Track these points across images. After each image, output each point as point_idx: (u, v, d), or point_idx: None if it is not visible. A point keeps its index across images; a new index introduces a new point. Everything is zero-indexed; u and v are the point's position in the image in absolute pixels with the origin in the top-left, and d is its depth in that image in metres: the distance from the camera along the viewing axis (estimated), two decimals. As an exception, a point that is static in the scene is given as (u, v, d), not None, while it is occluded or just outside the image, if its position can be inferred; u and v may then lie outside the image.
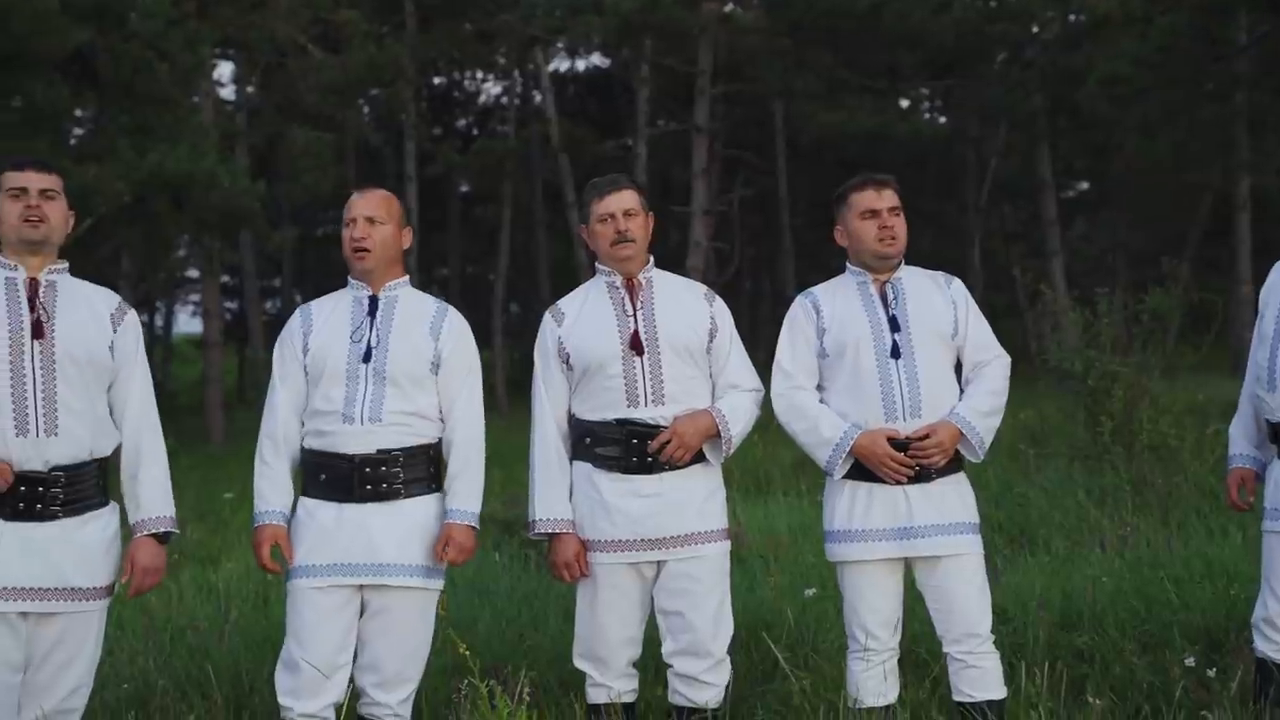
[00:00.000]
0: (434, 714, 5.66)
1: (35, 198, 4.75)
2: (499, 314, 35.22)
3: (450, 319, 5.30)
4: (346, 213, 5.22)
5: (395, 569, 5.05)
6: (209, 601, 8.83)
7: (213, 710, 5.92)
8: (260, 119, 30.51)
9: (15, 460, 4.59)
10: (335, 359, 5.10)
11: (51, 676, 4.68)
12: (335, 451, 5.05)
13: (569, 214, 31.18)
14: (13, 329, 4.66)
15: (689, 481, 5.29)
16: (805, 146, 32.61)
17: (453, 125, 43.06)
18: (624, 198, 5.38)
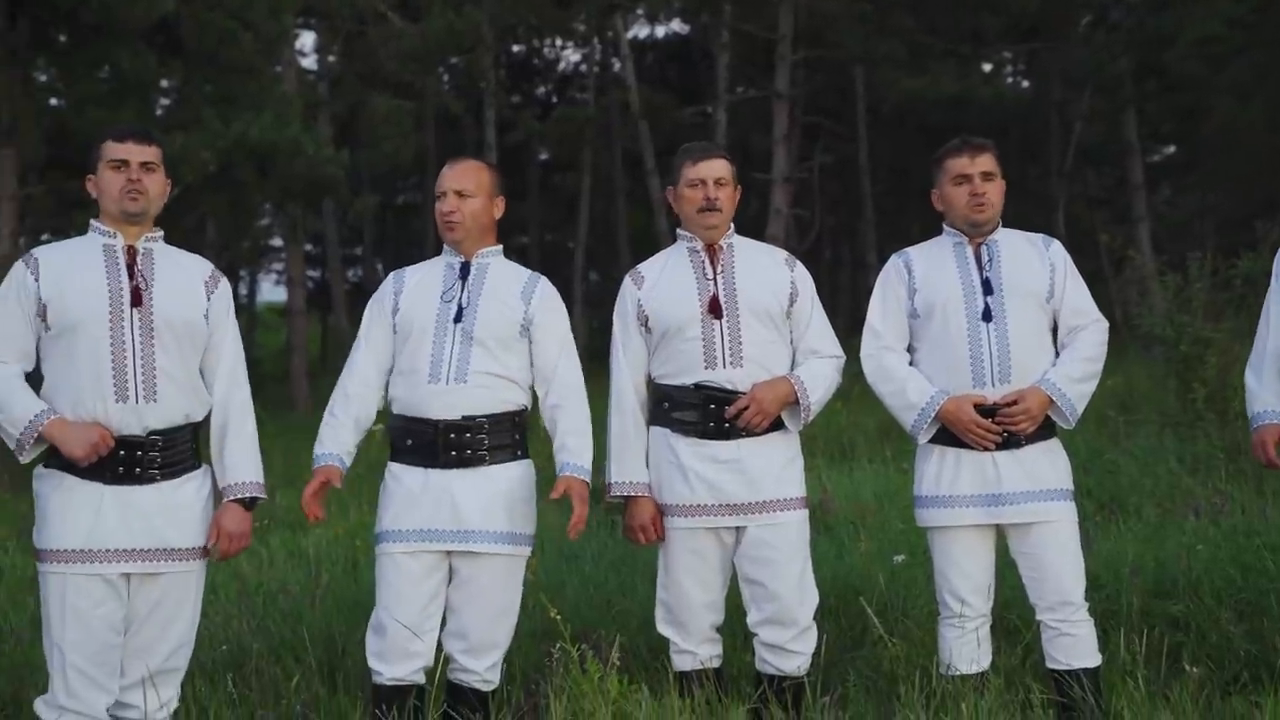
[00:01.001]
0: (525, 678, 5.68)
1: (136, 171, 4.81)
2: (578, 282, 35.22)
3: (541, 285, 5.34)
4: (438, 184, 5.28)
5: (481, 535, 5.07)
6: (299, 566, 8.93)
7: (306, 674, 5.98)
8: (341, 87, 30.63)
9: (115, 426, 4.65)
10: (425, 317, 5.15)
11: (154, 636, 4.75)
12: (421, 416, 5.09)
13: (649, 181, 31.11)
14: (113, 296, 4.72)
15: (767, 448, 5.27)
16: (886, 112, 32.30)
17: (532, 93, 43.08)
18: (716, 166, 5.37)
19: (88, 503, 4.66)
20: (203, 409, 4.90)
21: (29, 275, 4.74)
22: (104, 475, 4.67)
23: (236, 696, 5.63)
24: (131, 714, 4.76)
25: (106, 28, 18.27)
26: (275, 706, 5.67)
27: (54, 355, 4.73)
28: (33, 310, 4.71)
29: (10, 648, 7.07)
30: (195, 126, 18.52)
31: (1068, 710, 5.10)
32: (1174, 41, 24.36)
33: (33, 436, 4.62)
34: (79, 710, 4.60)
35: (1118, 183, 34.18)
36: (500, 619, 5.15)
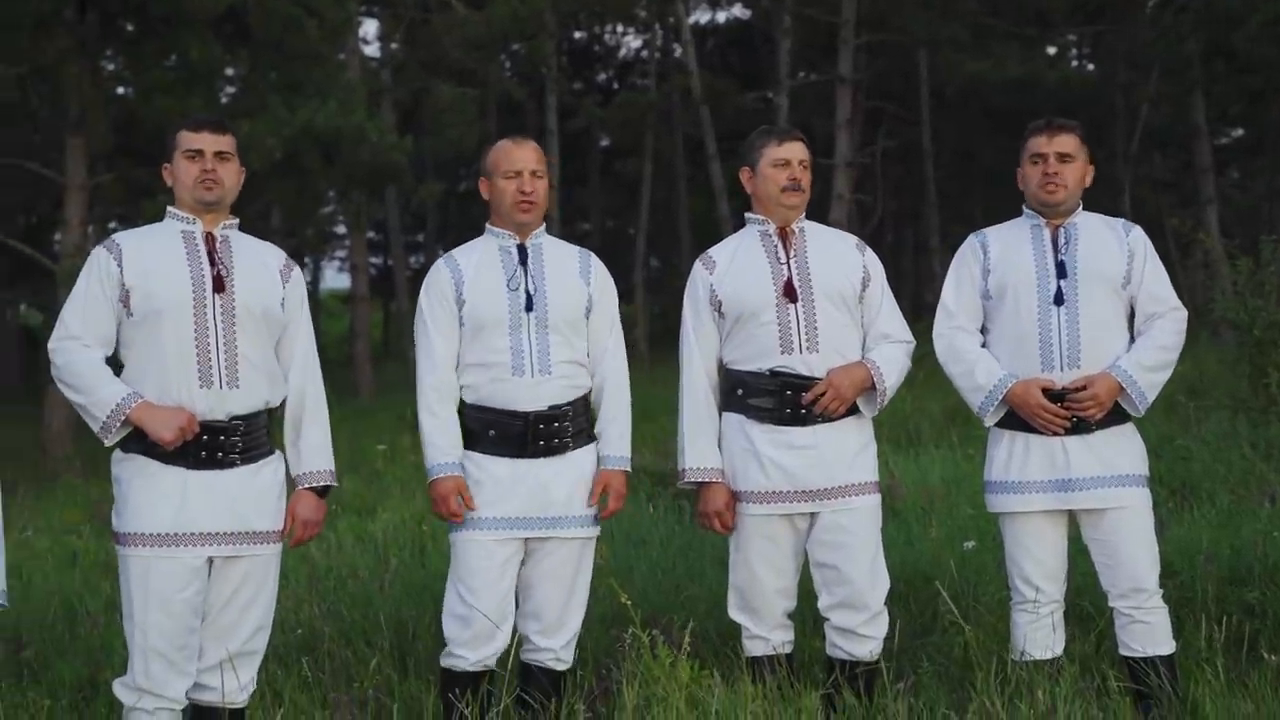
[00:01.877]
0: (596, 663, 5.69)
1: (210, 160, 4.85)
2: (640, 268, 35.23)
3: (595, 263, 5.36)
4: (506, 163, 5.19)
5: (568, 520, 5.12)
6: (367, 551, 8.98)
7: (379, 658, 6.01)
8: (404, 74, 30.74)
9: (199, 411, 4.69)
10: (496, 309, 5.11)
11: (235, 619, 4.79)
12: (507, 408, 5.08)
13: (710, 167, 31.05)
14: (195, 283, 4.76)
15: (842, 434, 5.25)
16: (950, 96, 32.09)
17: (593, 79, 43.09)
18: (799, 148, 5.37)
19: (172, 487, 4.70)
20: (280, 395, 4.93)
21: (112, 261, 4.78)
22: (187, 460, 4.71)
23: (312, 680, 5.67)
24: (210, 696, 4.81)
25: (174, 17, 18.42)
26: (348, 690, 5.70)
27: (136, 341, 4.77)
28: (115, 296, 4.75)
29: (86, 631, 7.15)
30: (261, 114, 18.64)
31: (1144, 698, 5.06)
32: (1243, 22, 24.02)
33: (120, 420, 4.65)
34: (158, 693, 4.65)
35: (1185, 166, 33.78)
36: (576, 598, 5.21)
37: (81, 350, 4.73)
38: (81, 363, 4.71)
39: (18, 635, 6.88)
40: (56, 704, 5.63)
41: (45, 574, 9.02)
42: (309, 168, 20.09)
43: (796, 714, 4.65)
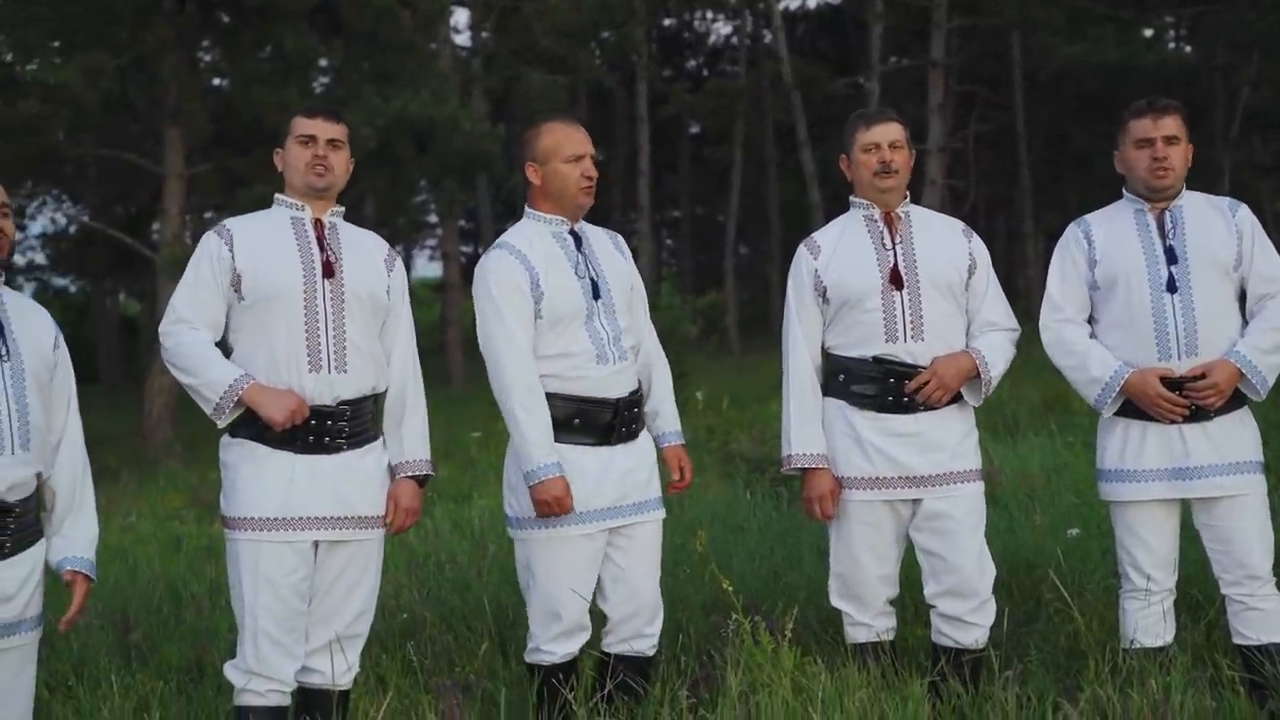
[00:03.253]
0: (697, 650, 5.68)
1: (323, 147, 4.86)
2: (730, 255, 35.21)
3: (622, 241, 5.37)
4: (569, 147, 5.09)
5: (652, 504, 5.10)
6: (464, 537, 9.04)
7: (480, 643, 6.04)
8: (495, 63, 30.89)
9: (308, 395, 4.71)
10: (573, 301, 5.02)
11: (339, 603, 4.82)
12: (593, 396, 5.01)
13: (801, 153, 30.94)
14: (305, 268, 4.78)
15: (945, 421, 5.19)
16: (1044, 80, 31.74)
17: (683, 66, 43.08)
18: (890, 129, 5.29)
19: (280, 472, 4.72)
20: (384, 381, 4.94)
21: (223, 246, 4.81)
22: (294, 444, 4.73)
23: (417, 664, 5.70)
24: (316, 679, 4.84)
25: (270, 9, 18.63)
26: (449, 674, 5.73)
27: (246, 326, 4.80)
28: (226, 281, 4.78)
29: (191, 614, 7.25)
30: (355, 104, 18.80)
31: (1258, 687, 4.96)
32: (1348, 2, 23.58)
33: (233, 400, 4.68)
34: (269, 675, 4.68)
35: (1286, 149, 33.22)
36: (658, 582, 5.19)
37: (191, 333, 4.76)
38: (192, 345, 4.74)
39: (126, 618, 6.98)
40: (165, 686, 5.70)
41: (150, 559, 9.16)
42: (402, 157, 20.26)
43: (902, 702, 4.61)
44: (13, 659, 4.27)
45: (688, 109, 35.12)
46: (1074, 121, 32.81)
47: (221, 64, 22.74)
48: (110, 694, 5.40)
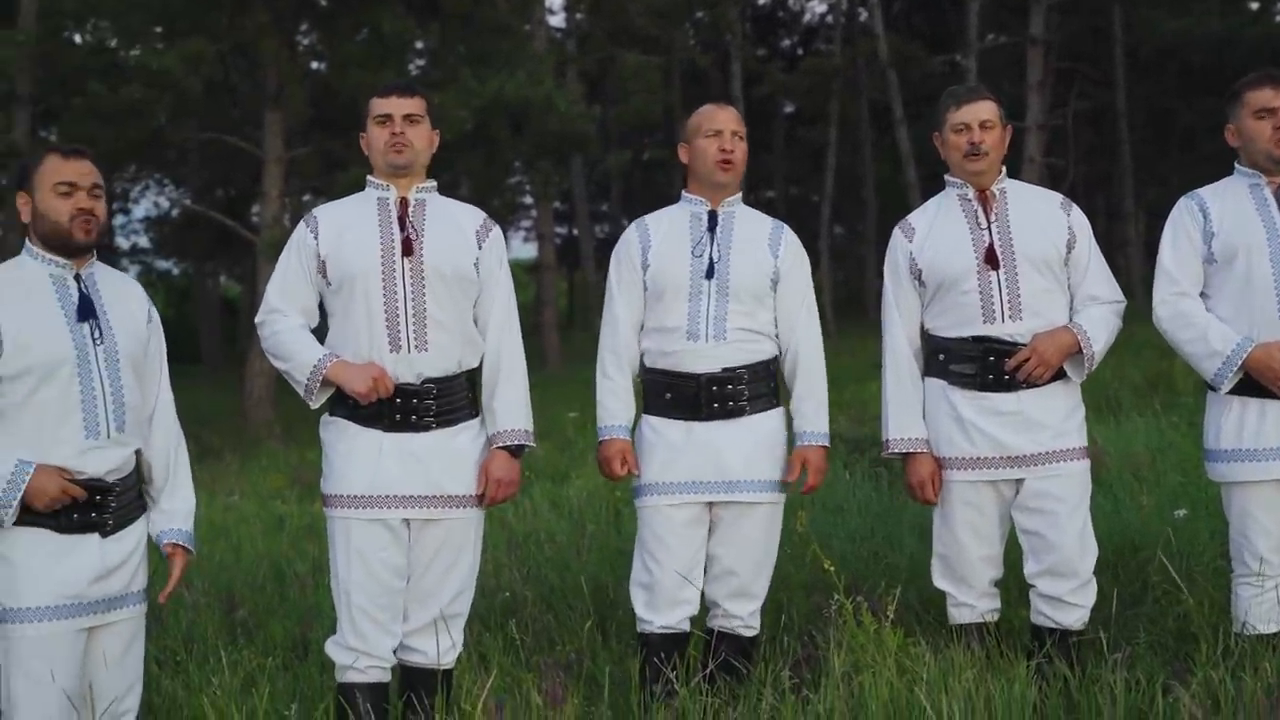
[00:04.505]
0: (799, 629, 5.67)
1: (400, 124, 4.87)
2: (825, 235, 35.02)
3: (787, 235, 5.29)
4: (708, 124, 5.17)
5: (745, 485, 5.08)
6: (563, 516, 9.06)
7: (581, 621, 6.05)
8: (590, 44, 30.92)
9: (390, 374, 4.74)
10: (678, 275, 5.12)
11: (436, 582, 4.84)
12: (681, 370, 5.09)
13: (897, 132, 30.71)
14: (385, 247, 4.80)
15: (1048, 399, 5.11)
16: (1145, 56, 31.27)
17: (777, 45, 42.90)
18: (981, 108, 5.20)
19: (369, 450, 4.76)
20: (476, 357, 4.94)
21: (309, 233, 4.87)
22: (382, 422, 4.77)
23: (519, 642, 5.73)
24: (417, 658, 4.87)
25: (367, -9, 18.77)
26: (551, 653, 5.75)
27: (335, 310, 4.85)
28: (313, 266, 4.84)
29: (295, 592, 7.33)
30: (451, 86, 18.90)
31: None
32: None
33: (319, 380, 4.74)
34: (368, 651, 4.72)
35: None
36: (761, 566, 5.17)
37: (283, 320, 4.84)
38: (284, 332, 4.83)
39: (231, 596, 7.08)
40: (270, 662, 5.77)
41: (253, 538, 9.27)
42: (497, 138, 20.34)
43: (1008, 683, 4.55)
44: (122, 631, 4.35)
45: (782, 88, 34.94)
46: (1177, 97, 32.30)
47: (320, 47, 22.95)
48: (219, 669, 5.47)
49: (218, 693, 5.19)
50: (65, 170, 4.29)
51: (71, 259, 4.33)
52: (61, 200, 4.27)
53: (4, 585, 4.18)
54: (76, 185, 4.28)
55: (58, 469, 4.16)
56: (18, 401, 4.19)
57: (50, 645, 4.16)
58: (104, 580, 4.25)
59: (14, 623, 4.16)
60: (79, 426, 4.21)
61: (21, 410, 4.19)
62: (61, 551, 4.19)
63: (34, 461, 4.15)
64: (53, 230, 4.29)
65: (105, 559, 4.25)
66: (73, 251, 4.32)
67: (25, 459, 4.15)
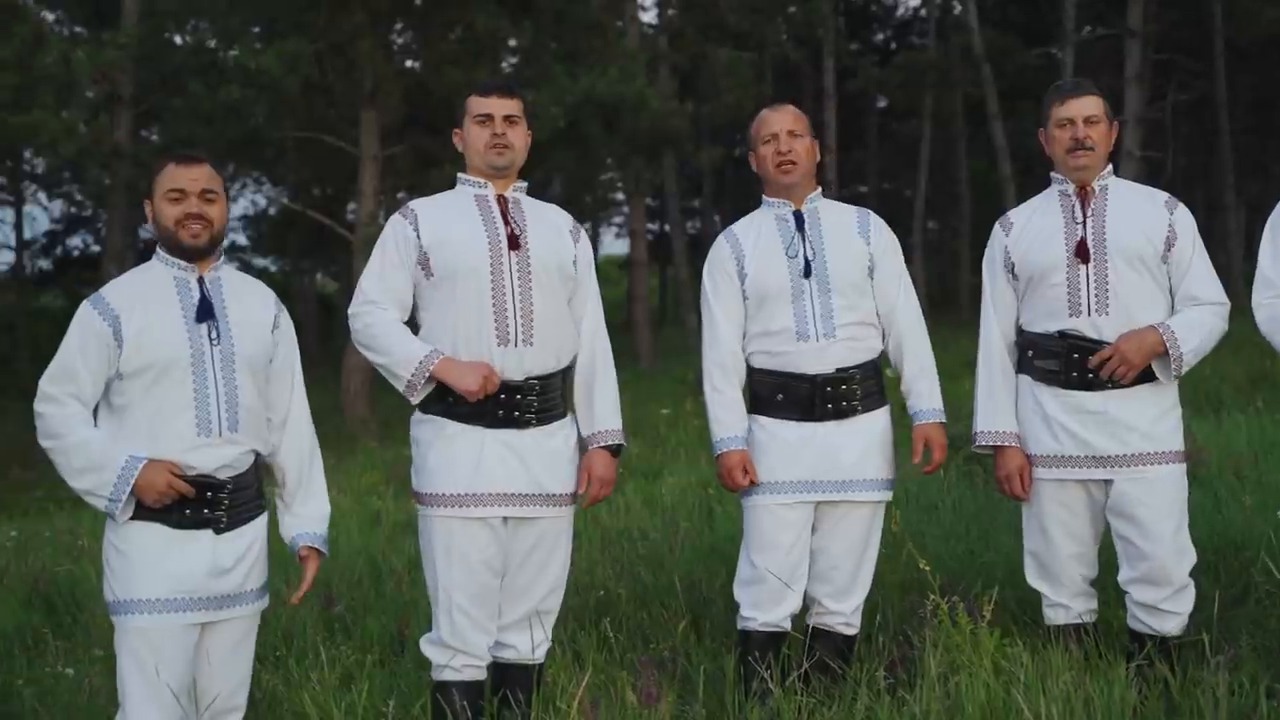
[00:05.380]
0: (894, 629, 5.64)
1: (500, 125, 4.89)
2: (919, 230, 34.78)
3: (874, 221, 5.30)
4: (764, 129, 5.22)
5: (858, 484, 5.09)
6: (655, 514, 9.07)
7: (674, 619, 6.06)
8: (682, 40, 30.89)
9: (497, 370, 4.76)
10: (777, 278, 5.13)
11: (530, 579, 4.87)
12: (793, 372, 5.09)
13: (991, 126, 30.42)
14: (491, 242, 4.82)
15: (1136, 400, 5.04)
16: (1247, 46, 30.71)
17: (871, 39, 42.66)
18: (1087, 103, 5.16)
19: (469, 448, 4.77)
20: (571, 355, 4.97)
21: (408, 226, 4.88)
22: (484, 419, 4.77)
23: (613, 640, 5.74)
24: (509, 654, 4.90)
25: (461, -10, 18.89)
26: (645, 651, 5.76)
27: (435, 303, 4.85)
28: (413, 259, 4.84)
29: (391, 588, 7.40)
30: (544, 84, 18.98)
31: None
32: None
33: (424, 376, 4.74)
34: (463, 649, 4.75)
35: None
36: (866, 562, 5.18)
37: (380, 313, 4.84)
38: (381, 325, 4.83)
39: (329, 593, 7.16)
40: (367, 658, 5.83)
41: (350, 534, 9.37)
42: (589, 136, 20.39)
43: (1107, 686, 4.51)
44: (233, 630, 4.41)
45: (875, 83, 34.75)
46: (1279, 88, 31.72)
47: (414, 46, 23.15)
48: (317, 664, 5.54)
49: (317, 688, 5.25)
50: (177, 177, 4.38)
51: (192, 262, 4.42)
52: (171, 206, 4.37)
53: (119, 577, 4.28)
54: (186, 191, 4.36)
55: (167, 465, 4.23)
56: (135, 398, 4.29)
57: (160, 638, 4.24)
58: (217, 578, 4.31)
59: (127, 614, 4.25)
60: (191, 423, 4.29)
61: (138, 406, 4.29)
62: (174, 546, 4.27)
63: (145, 457, 4.23)
64: (164, 235, 4.40)
65: (218, 557, 4.31)
66: (189, 254, 4.40)
67: (137, 454, 4.23)
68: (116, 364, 4.28)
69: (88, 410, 4.32)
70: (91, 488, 4.25)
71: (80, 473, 4.25)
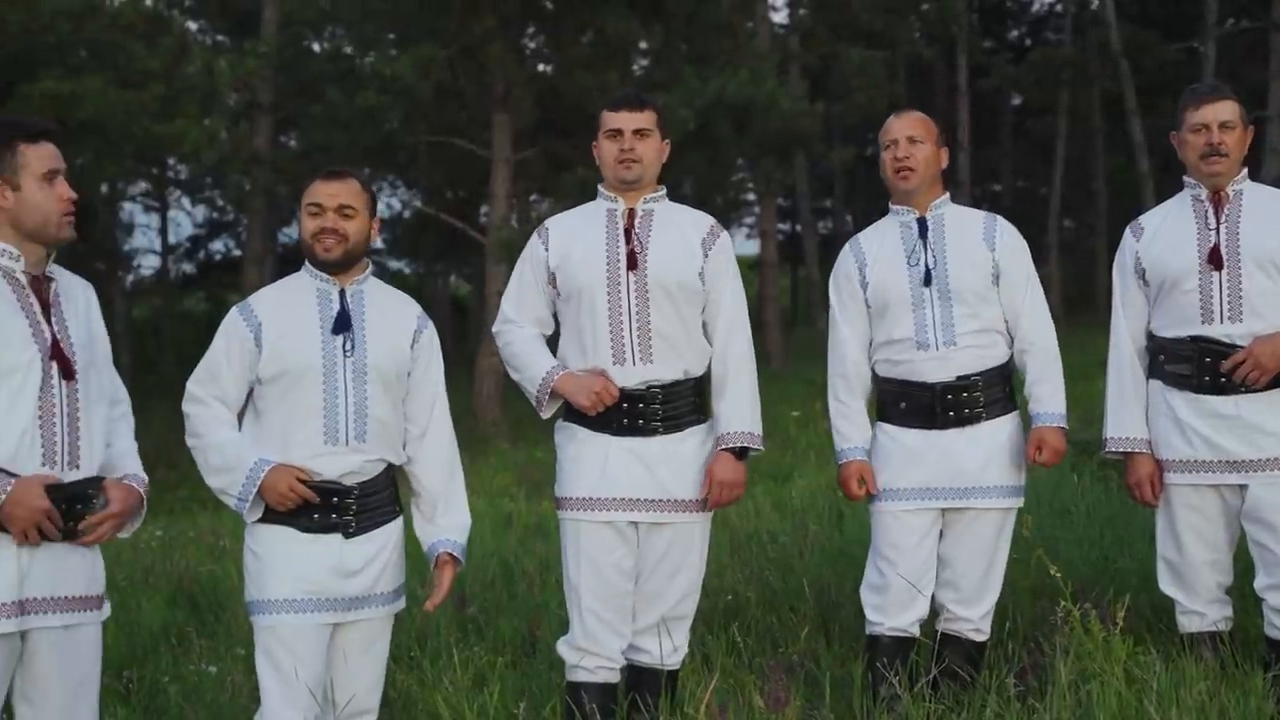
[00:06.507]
0: (1024, 636, 5.59)
1: (630, 139, 4.93)
2: (1053, 230, 34.31)
3: (1001, 226, 5.25)
4: (885, 136, 5.23)
5: (981, 491, 5.07)
6: (784, 517, 9.05)
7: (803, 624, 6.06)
8: (813, 40, 30.79)
9: (616, 383, 4.83)
10: (898, 287, 5.14)
11: (662, 584, 4.92)
12: (915, 380, 5.10)
13: (1129, 123, 29.93)
14: (610, 261, 4.90)
15: (1269, 405, 4.97)
16: (1397, 38, 29.83)
17: (1005, 36, 42.16)
18: (1221, 109, 5.08)
19: (597, 454, 4.86)
20: (703, 364, 5.00)
21: (540, 245, 5.01)
22: (610, 427, 4.86)
23: (741, 644, 5.76)
24: (644, 658, 4.95)
25: (592, -7, 19.02)
26: (773, 655, 5.77)
27: (564, 319, 4.98)
28: (544, 278, 4.97)
29: (524, 590, 7.48)
30: (675, 86, 19.03)
31: None
32: None
33: (547, 392, 4.88)
34: (596, 651, 4.82)
35: None
36: (991, 570, 5.16)
37: (518, 331, 5.00)
38: (517, 343, 4.99)
39: (462, 594, 7.26)
40: (499, 659, 5.90)
41: (483, 536, 9.46)
42: (720, 137, 20.41)
43: (1243, 696, 4.44)
44: (365, 631, 4.50)
45: (1010, 80, 34.36)
46: None
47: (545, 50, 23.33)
48: (450, 665, 5.61)
49: (450, 689, 5.33)
50: (317, 192, 4.49)
51: (333, 275, 4.53)
52: (310, 219, 4.48)
53: (254, 578, 4.40)
54: (324, 206, 4.46)
55: (293, 469, 4.34)
56: (271, 404, 4.42)
57: (293, 637, 4.34)
58: (344, 580, 4.40)
59: (262, 614, 4.37)
60: (319, 431, 4.39)
61: (273, 412, 4.42)
62: (303, 549, 4.37)
63: (273, 460, 4.34)
64: (304, 248, 4.53)
65: (345, 560, 4.40)
66: (326, 268, 4.51)
67: (267, 458, 4.35)
68: (256, 369, 4.42)
69: (231, 412, 4.46)
70: (224, 486, 4.39)
71: (216, 471, 4.40)
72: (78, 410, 3.98)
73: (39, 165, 3.94)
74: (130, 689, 6.49)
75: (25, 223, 3.94)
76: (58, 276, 4.09)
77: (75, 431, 3.97)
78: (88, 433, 4.01)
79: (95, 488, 4.00)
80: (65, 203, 3.98)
